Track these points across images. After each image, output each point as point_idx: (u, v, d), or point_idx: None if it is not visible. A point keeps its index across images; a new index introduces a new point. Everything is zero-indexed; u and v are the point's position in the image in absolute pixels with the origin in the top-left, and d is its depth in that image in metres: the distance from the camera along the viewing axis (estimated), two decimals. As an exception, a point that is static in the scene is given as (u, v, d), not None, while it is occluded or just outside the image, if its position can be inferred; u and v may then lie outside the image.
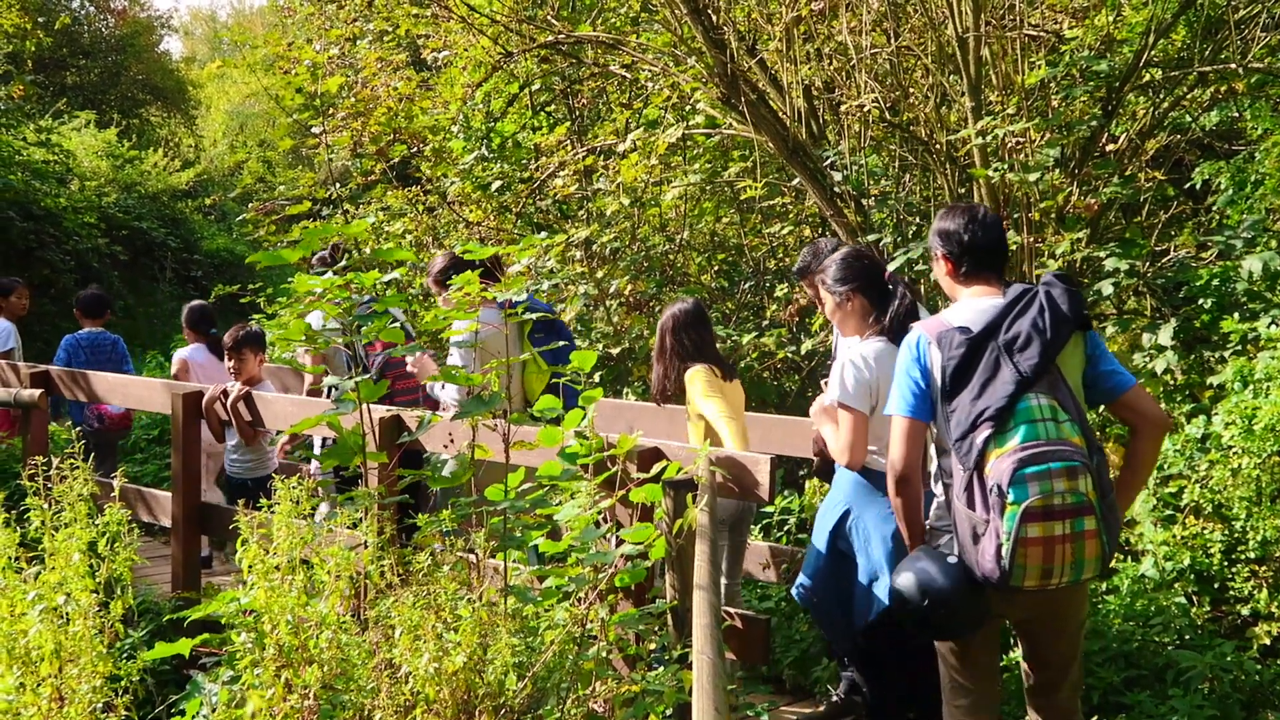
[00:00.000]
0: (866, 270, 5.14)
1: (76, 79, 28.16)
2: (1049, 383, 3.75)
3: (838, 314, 5.20)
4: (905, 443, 3.96)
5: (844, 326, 5.21)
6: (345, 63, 11.73)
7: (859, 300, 5.08)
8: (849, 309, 5.11)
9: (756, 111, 8.37)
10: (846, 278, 5.11)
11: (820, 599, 5.16)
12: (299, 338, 4.35)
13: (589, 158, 9.89)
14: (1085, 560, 3.63)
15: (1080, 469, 3.60)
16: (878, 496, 4.92)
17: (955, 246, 4.10)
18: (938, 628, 3.95)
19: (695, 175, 9.50)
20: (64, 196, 18.90)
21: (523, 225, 10.43)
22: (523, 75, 10.95)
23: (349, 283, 4.27)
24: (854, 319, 5.11)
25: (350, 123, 10.94)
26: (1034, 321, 3.78)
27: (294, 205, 11.09)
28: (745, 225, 10.03)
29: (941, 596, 3.77)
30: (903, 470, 3.96)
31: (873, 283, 5.10)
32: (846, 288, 5.10)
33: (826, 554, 5.11)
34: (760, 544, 6.81)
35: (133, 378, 9.15)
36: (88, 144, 22.14)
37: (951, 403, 3.84)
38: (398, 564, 3.72)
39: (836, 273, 5.15)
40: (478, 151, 10.63)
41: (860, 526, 5.00)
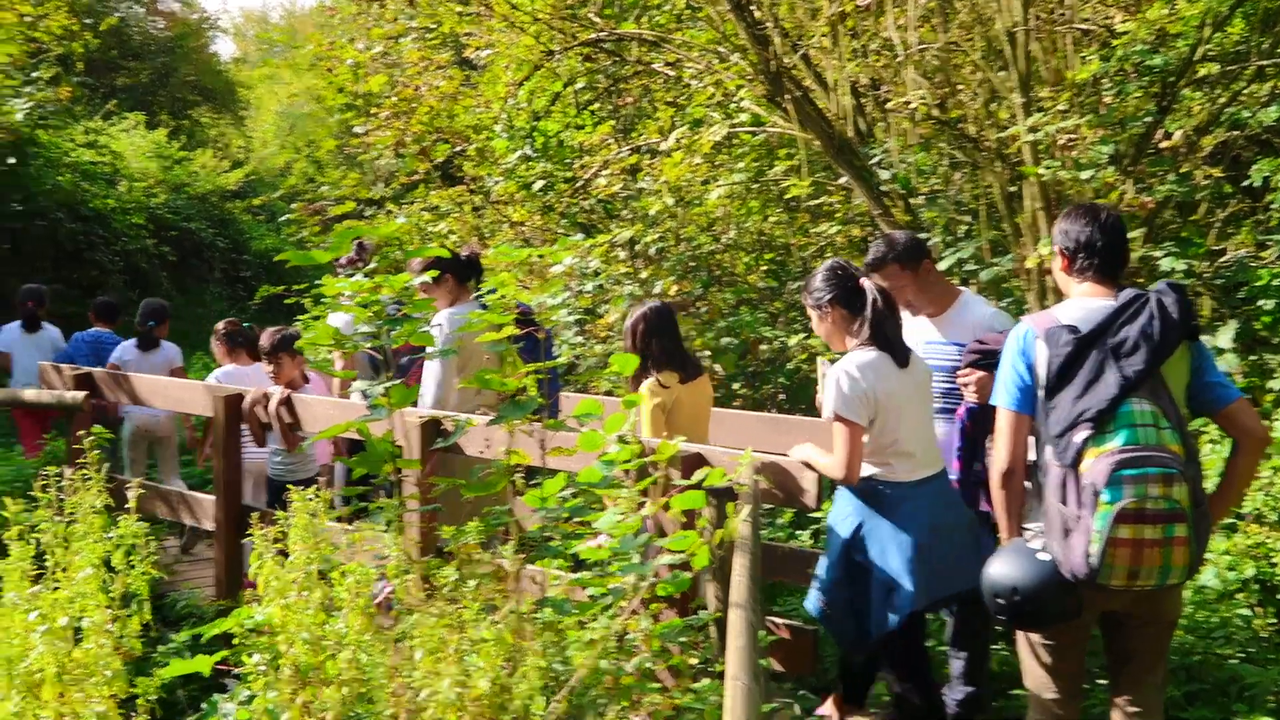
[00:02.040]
0: (841, 280, 5.04)
1: (127, 80, 28.32)
2: (1152, 389, 3.78)
3: (822, 328, 5.15)
4: (1011, 436, 4.04)
5: (831, 340, 5.15)
6: (388, 62, 11.68)
7: (837, 311, 5.00)
8: (830, 321, 5.05)
9: (802, 109, 8.24)
10: (824, 290, 5.06)
11: (835, 611, 5.08)
12: (326, 341, 4.25)
13: (632, 156, 9.77)
14: (1173, 566, 3.67)
15: (1177, 476, 3.63)
16: (887, 506, 4.88)
17: (1072, 244, 4.14)
18: (1027, 620, 3.99)
19: (740, 174, 9.36)
20: (113, 197, 18.96)
21: (567, 225, 10.33)
22: (566, 74, 10.83)
23: (378, 285, 4.17)
24: (837, 331, 5.06)
25: (393, 122, 10.88)
26: (1144, 327, 3.81)
27: (337, 205, 11.14)
28: (793, 224, 9.89)
29: (1030, 590, 3.83)
30: (1009, 464, 4.03)
31: (847, 292, 5.01)
32: (825, 300, 5.04)
33: (841, 567, 5.02)
34: (809, 550, 6.68)
35: (174, 380, 9.11)
36: (137, 145, 22.22)
37: (1053, 399, 3.88)
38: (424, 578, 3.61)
39: (816, 286, 5.10)
40: (521, 150, 10.54)
41: (876, 537, 4.91)
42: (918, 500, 4.88)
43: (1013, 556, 3.92)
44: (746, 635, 2.81)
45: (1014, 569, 3.87)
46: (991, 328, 5.27)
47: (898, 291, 5.40)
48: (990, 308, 5.59)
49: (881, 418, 4.81)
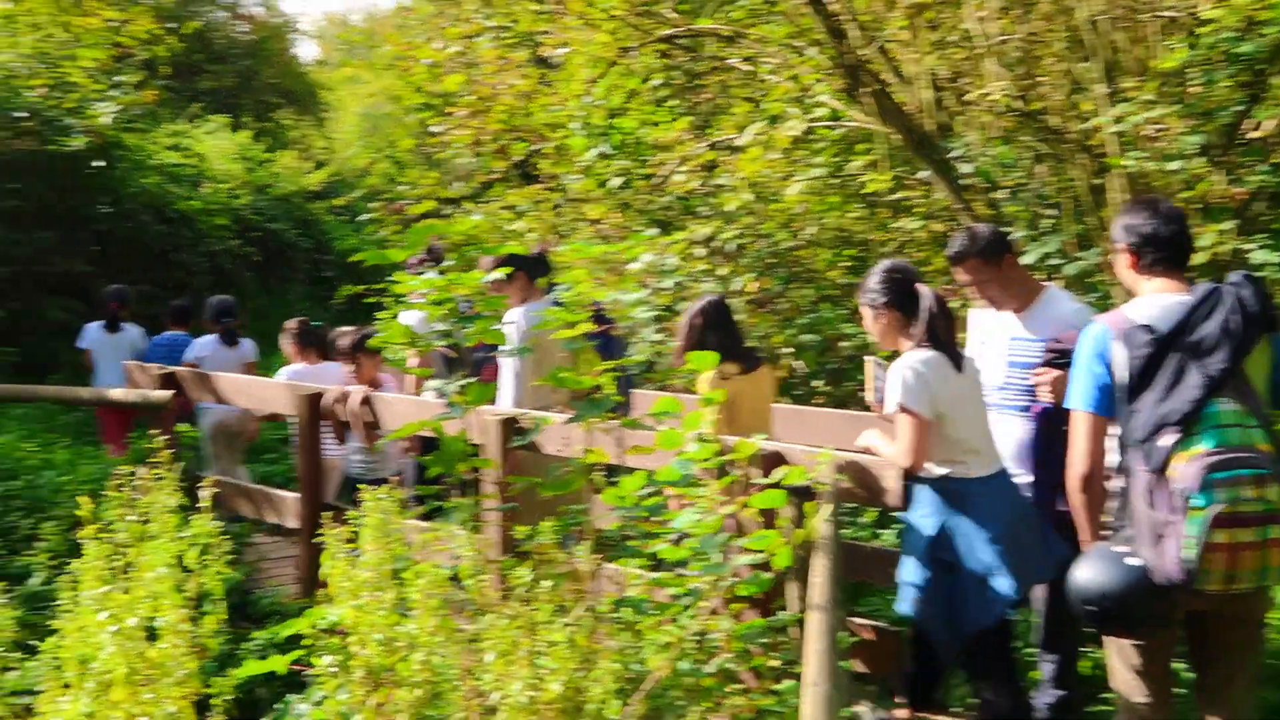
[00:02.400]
0: (898, 284, 5.11)
1: (211, 84, 28.67)
2: (1236, 387, 3.70)
3: (875, 328, 5.22)
4: (1089, 440, 3.96)
5: (884, 340, 5.22)
6: (465, 61, 11.71)
7: (892, 314, 5.09)
8: (884, 323, 5.13)
9: (880, 102, 8.16)
10: (879, 291, 5.12)
11: (930, 612, 5.02)
12: (400, 340, 4.25)
13: (709, 152, 9.71)
14: (1270, 567, 3.60)
15: (1269, 476, 3.56)
16: (967, 502, 4.88)
17: (1137, 239, 4.06)
18: (1117, 625, 3.93)
19: (818, 169, 9.27)
20: (198, 199, 19.18)
21: (645, 222, 10.29)
22: (642, 70, 10.80)
23: (451, 282, 4.16)
24: (890, 332, 5.14)
25: (469, 121, 10.91)
26: (1224, 323, 3.71)
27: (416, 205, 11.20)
28: (873, 220, 9.78)
29: (1121, 595, 3.76)
30: (1088, 468, 3.96)
31: (904, 295, 5.07)
32: (881, 301, 5.11)
33: (929, 567, 4.98)
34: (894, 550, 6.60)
35: (257, 379, 9.21)
36: (221, 147, 22.48)
37: (1134, 402, 3.81)
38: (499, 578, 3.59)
39: (873, 286, 5.17)
40: (598, 148, 10.51)
41: (961, 534, 4.89)
42: (994, 495, 4.90)
43: (1099, 562, 3.83)
44: (826, 639, 2.77)
45: (1102, 575, 3.79)
46: (1075, 324, 5.18)
47: (979, 286, 5.40)
48: (1075, 303, 5.49)
49: (948, 414, 4.86)
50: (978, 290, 5.44)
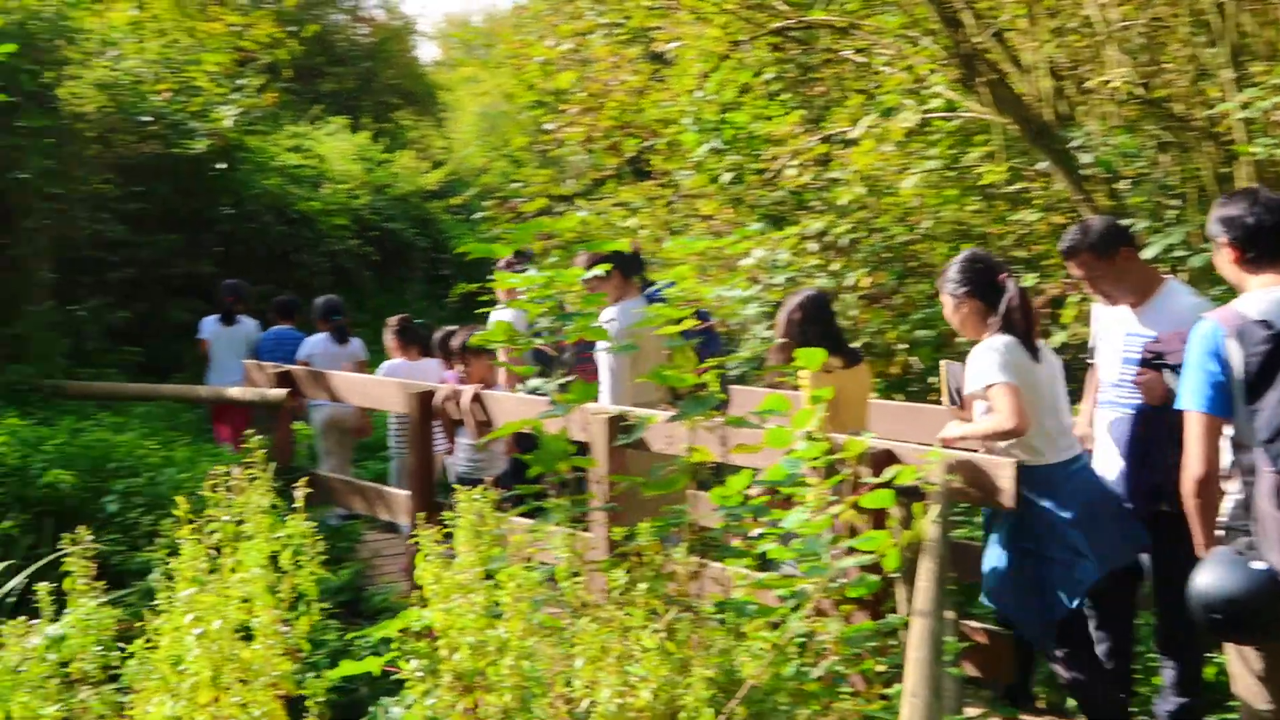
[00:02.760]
0: (980, 274, 5.19)
1: (333, 86, 29.07)
2: None
3: (955, 317, 5.28)
4: (1204, 441, 3.82)
5: (963, 329, 5.29)
6: (579, 58, 11.70)
7: (972, 303, 5.16)
8: (964, 312, 5.20)
9: (997, 92, 7.97)
10: (960, 281, 5.19)
11: (1014, 601, 5.07)
12: (501, 338, 4.21)
13: (822, 146, 9.57)
14: None
15: None
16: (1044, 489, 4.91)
17: (1240, 232, 3.93)
18: (1244, 632, 3.82)
19: (933, 161, 9.09)
20: (318, 200, 19.43)
21: (757, 217, 10.18)
22: (754, 64, 10.68)
23: (551, 279, 4.12)
24: (971, 321, 5.20)
25: (581, 118, 10.89)
26: None
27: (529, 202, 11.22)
28: (991, 213, 9.57)
29: (1247, 600, 3.64)
30: (1205, 471, 3.82)
31: (985, 285, 5.15)
32: (962, 291, 5.18)
33: (1010, 556, 5.03)
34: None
35: (370, 377, 9.29)
36: (341, 148, 22.75)
37: (1255, 402, 3.68)
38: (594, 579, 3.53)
39: (953, 275, 5.25)
40: (710, 143, 10.42)
41: (1040, 519, 4.91)
42: (1071, 480, 4.94)
43: (1223, 567, 3.69)
44: (928, 647, 2.65)
45: (1226, 579, 3.65)
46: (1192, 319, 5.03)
47: (1092, 281, 5.28)
48: (1194, 298, 5.29)
49: (1027, 396, 4.89)
50: (1090, 285, 5.32)
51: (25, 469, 8.99)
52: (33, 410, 11.07)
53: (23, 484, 8.85)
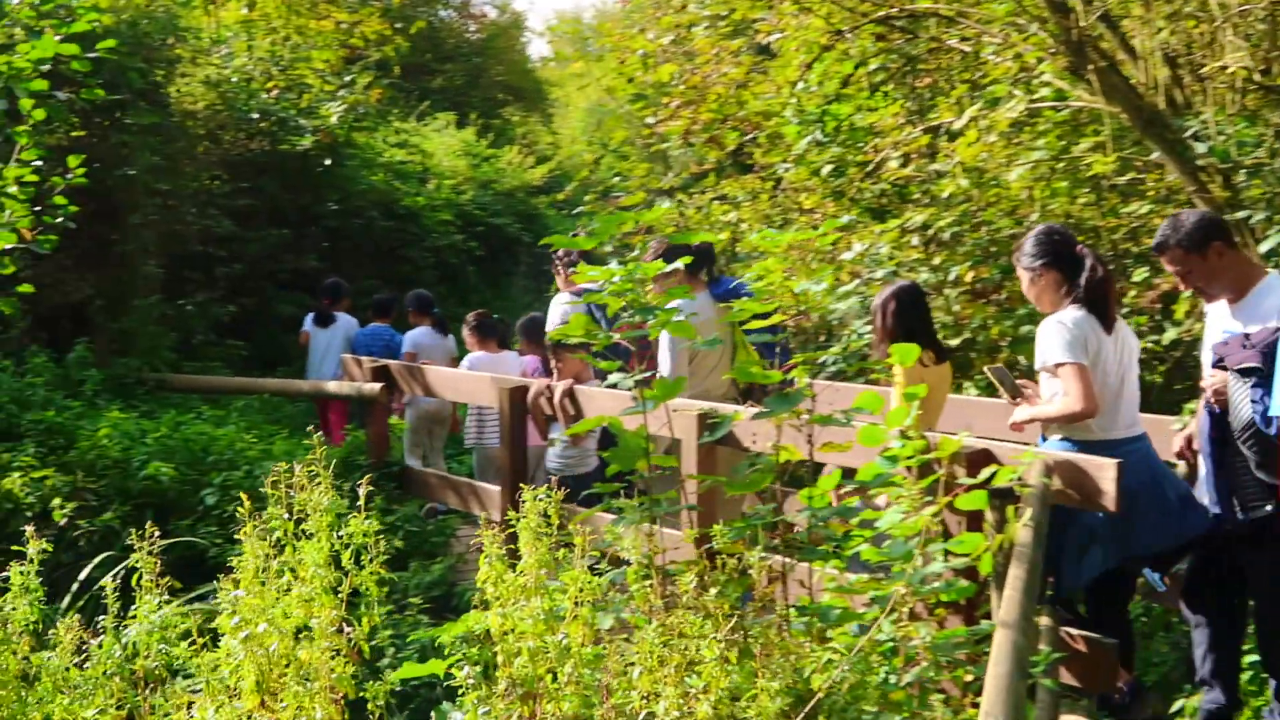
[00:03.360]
0: (1057, 245, 5.19)
1: (442, 83, 29.26)
2: None
3: (1032, 290, 5.27)
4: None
5: (1041, 302, 5.27)
6: (679, 50, 11.56)
7: (1051, 275, 5.14)
8: (1042, 284, 5.19)
9: (1107, 80, 7.69)
10: (1038, 253, 5.19)
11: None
12: (579, 332, 4.10)
13: (924, 137, 9.32)
14: None
15: None
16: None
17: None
18: None
19: (1039, 152, 8.80)
20: (423, 195, 19.55)
21: (858, 211, 9.97)
22: (858, 54, 10.45)
23: (631, 272, 3.99)
24: (1048, 293, 5.18)
25: (682, 110, 10.75)
26: None
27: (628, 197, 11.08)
28: (1102, 206, 9.26)
29: None
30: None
31: (1063, 257, 5.15)
32: (1039, 263, 5.17)
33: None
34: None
35: (463, 372, 9.26)
36: (447, 144, 22.87)
37: None
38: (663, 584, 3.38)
39: (1030, 249, 5.23)
40: (811, 135, 10.22)
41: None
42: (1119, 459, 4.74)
43: None
44: (1009, 662, 2.47)
45: None
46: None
47: (1184, 277, 5.14)
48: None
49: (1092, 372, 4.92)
50: (1184, 281, 5.17)
51: (127, 461, 9.11)
52: (137, 403, 11.23)
53: (124, 476, 8.97)
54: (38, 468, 8.69)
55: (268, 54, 17.56)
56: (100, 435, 9.30)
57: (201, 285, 14.57)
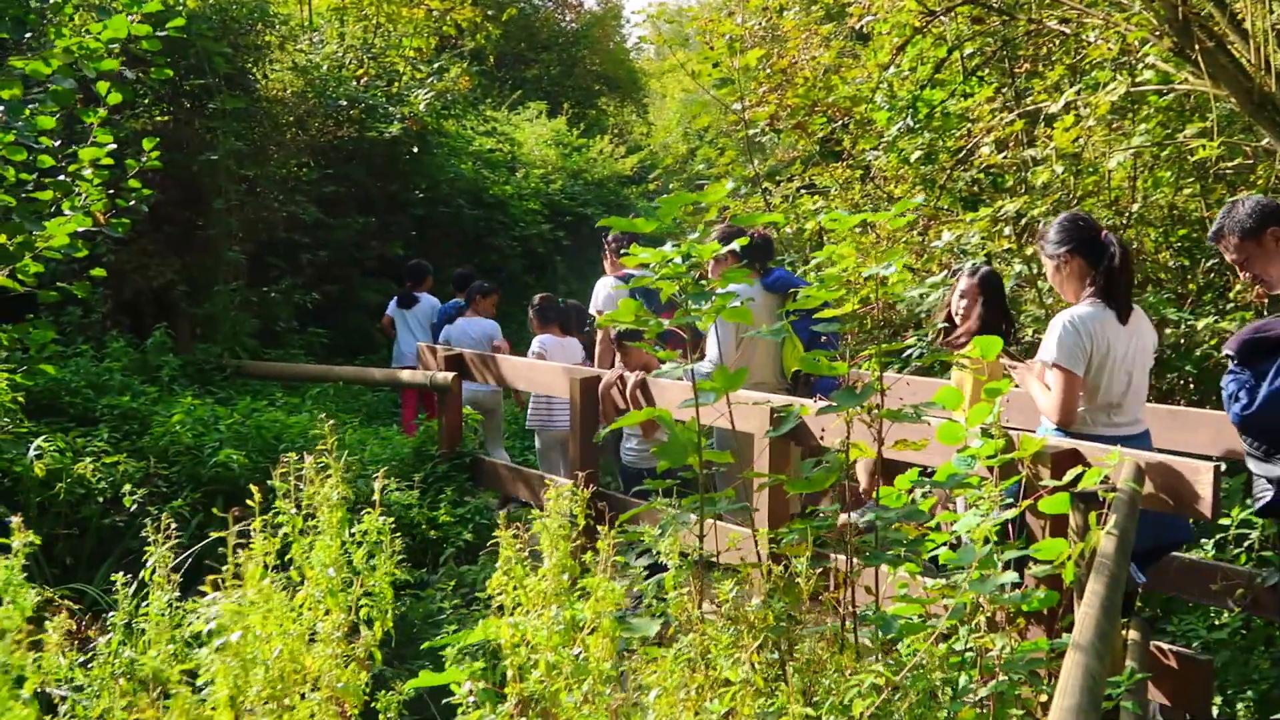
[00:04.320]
0: (1082, 231, 5.19)
1: (536, 73, 29.17)
2: None
3: (1057, 278, 5.25)
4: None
5: (1064, 290, 5.25)
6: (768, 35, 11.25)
7: (1076, 262, 5.13)
8: (1066, 272, 5.17)
9: (1214, 61, 7.27)
10: (1062, 240, 5.17)
11: None
12: (629, 318, 3.84)
13: (1018, 123, 8.92)
14: None
15: None
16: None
17: None
18: None
19: (1140, 137, 8.38)
20: (512, 184, 19.41)
21: (949, 200, 9.60)
22: (952, 37, 10.07)
23: (686, 254, 3.72)
24: (1073, 281, 5.17)
25: (768, 96, 10.44)
26: None
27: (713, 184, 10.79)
28: (1208, 196, 8.81)
29: None
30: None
31: (1088, 244, 5.14)
32: (1064, 250, 5.15)
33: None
34: (1211, 563, 5.85)
35: (536, 362, 9.06)
36: (538, 133, 22.72)
37: None
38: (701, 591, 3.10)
39: (1054, 236, 5.22)
40: (902, 122, 9.85)
41: None
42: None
43: None
44: (1079, 694, 2.16)
45: None
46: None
47: (1241, 265, 4.97)
48: None
49: (1097, 375, 4.98)
50: (1241, 270, 4.99)
51: (199, 448, 9.04)
52: (215, 389, 11.19)
53: (195, 463, 8.90)
54: (110, 453, 8.62)
55: (359, 41, 17.50)
56: (173, 421, 9.23)
57: (286, 272, 14.53)
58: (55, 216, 7.54)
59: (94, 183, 7.81)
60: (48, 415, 9.33)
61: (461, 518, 8.51)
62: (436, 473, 8.94)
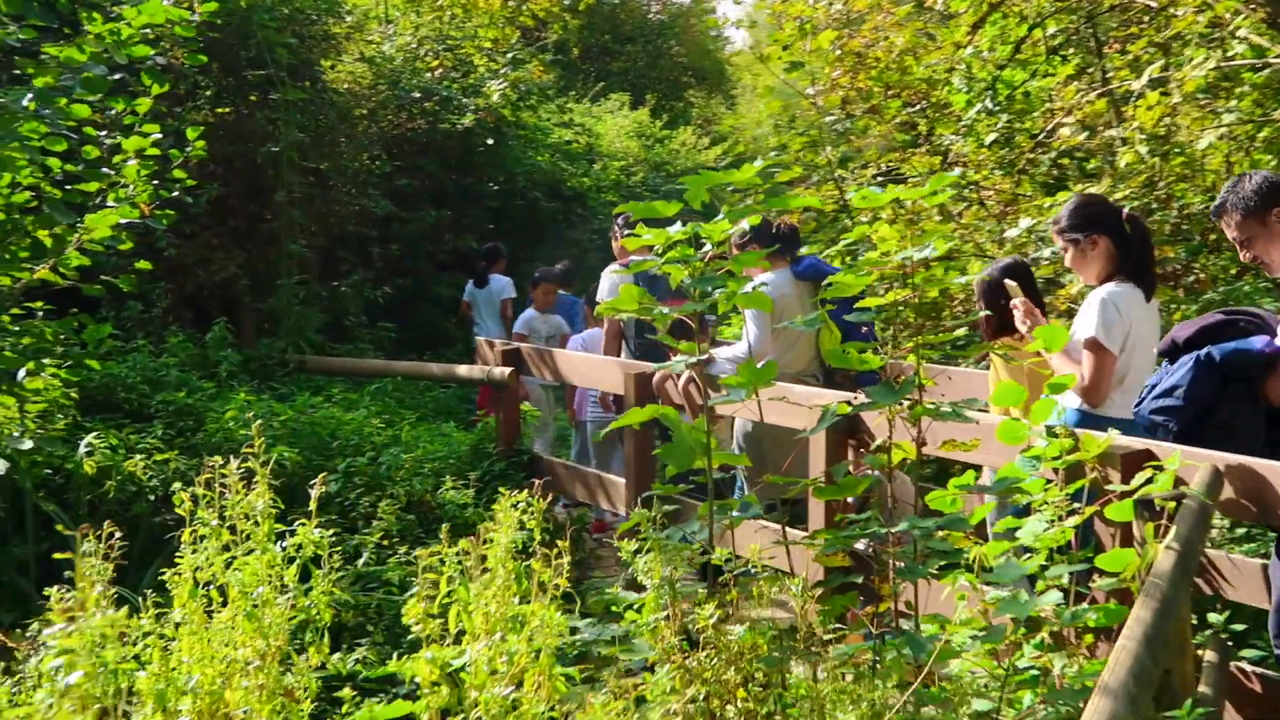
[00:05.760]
0: (1107, 212, 5.17)
1: (623, 65, 28.91)
2: None
3: (1080, 260, 5.16)
4: None
5: (1086, 272, 5.18)
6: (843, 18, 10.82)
7: (1105, 242, 5.06)
8: (1094, 254, 5.09)
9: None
10: (1088, 222, 5.11)
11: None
12: (632, 306, 3.50)
13: (1099, 102, 8.43)
14: None
15: None
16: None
17: None
18: None
19: (1232, 115, 7.87)
20: (589, 176, 19.14)
21: (1030, 185, 9.12)
22: (1033, 14, 9.56)
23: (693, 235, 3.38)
24: (1099, 263, 5.09)
25: (840, 80, 10.02)
26: None
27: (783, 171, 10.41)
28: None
29: None
30: None
31: (1113, 225, 5.10)
32: (1092, 232, 5.08)
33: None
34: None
35: (592, 356, 8.73)
36: (619, 125, 22.45)
37: None
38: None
39: (1074, 218, 5.15)
40: (980, 105, 9.38)
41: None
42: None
43: None
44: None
45: None
46: None
47: (1243, 244, 4.62)
48: None
49: (1126, 354, 4.91)
50: (1242, 249, 4.63)
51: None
52: (276, 385, 11.02)
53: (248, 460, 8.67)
54: (162, 450, 8.44)
55: (434, 32, 17.32)
56: (227, 418, 9.04)
57: (357, 266, 14.35)
58: (101, 209, 7.36)
59: (140, 173, 7.62)
60: (103, 411, 9.19)
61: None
62: (493, 471, 8.66)
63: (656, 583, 2.78)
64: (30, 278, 7.34)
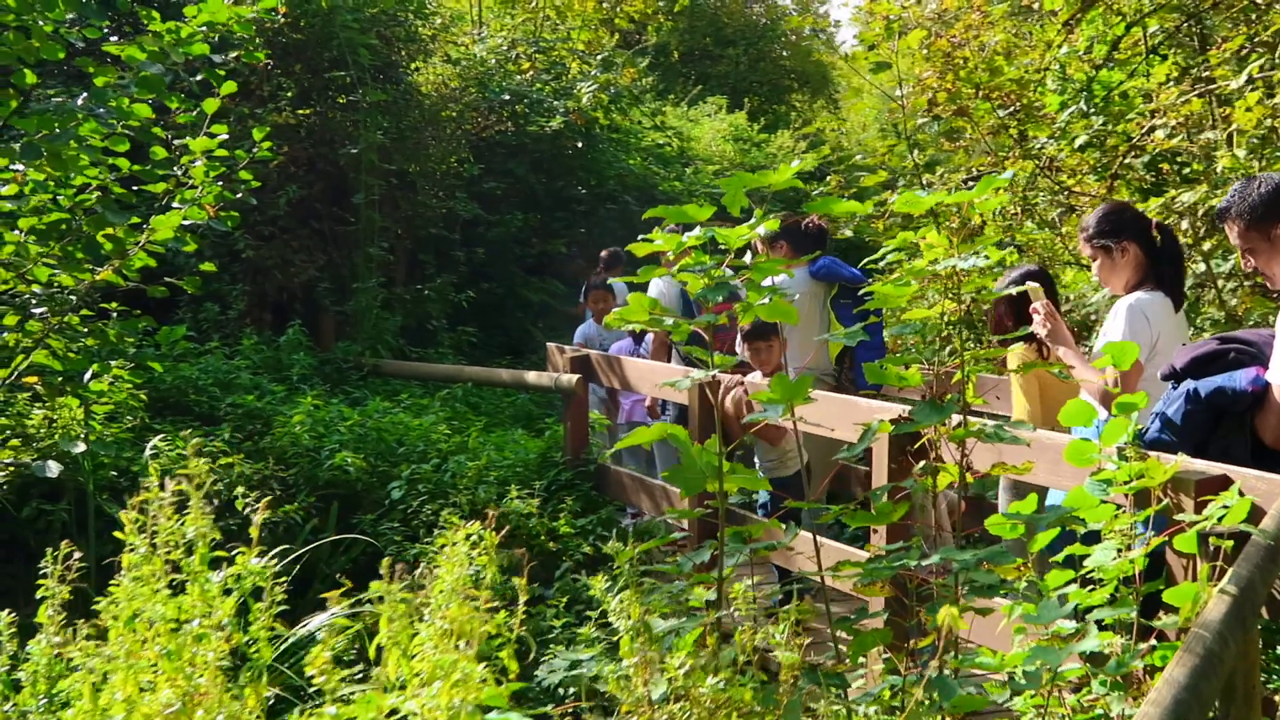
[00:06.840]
0: (1135, 220, 5.12)
1: (726, 69, 28.66)
2: None
3: (1108, 268, 5.07)
4: None
5: (1114, 280, 5.08)
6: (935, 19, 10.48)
7: (1135, 249, 4.99)
8: (1124, 261, 5.01)
9: None
10: (1118, 228, 5.03)
11: None
12: (642, 317, 3.25)
13: (1195, 102, 8.00)
14: None
15: None
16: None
17: None
18: None
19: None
20: (682, 180, 18.88)
21: (1126, 190, 8.70)
22: (1130, 12, 9.13)
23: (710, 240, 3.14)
24: (1127, 271, 5.02)
25: (929, 80, 9.67)
26: None
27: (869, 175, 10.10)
28: None
29: None
30: None
31: (1143, 231, 5.04)
32: (1121, 240, 4.99)
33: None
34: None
35: (657, 363, 8.48)
36: (716, 128, 22.18)
37: None
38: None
39: (1104, 224, 5.07)
40: (1075, 106, 8.97)
41: None
42: None
43: None
44: None
45: None
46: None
47: (1245, 254, 4.33)
48: None
49: (1150, 363, 4.76)
50: (1244, 260, 4.34)
51: (318, 450, 8.74)
52: (350, 389, 10.93)
53: (313, 465, 8.62)
54: (228, 453, 8.36)
55: (527, 35, 17.20)
56: (294, 422, 8.94)
57: (441, 269, 14.22)
58: (168, 210, 7.29)
59: (208, 175, 7.53)
60: (173, 414, 9.15)
61: (582, 529, 8.00)
62: (560, 480, 8.46)
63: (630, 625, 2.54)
64: (93, 279, 7.28)
